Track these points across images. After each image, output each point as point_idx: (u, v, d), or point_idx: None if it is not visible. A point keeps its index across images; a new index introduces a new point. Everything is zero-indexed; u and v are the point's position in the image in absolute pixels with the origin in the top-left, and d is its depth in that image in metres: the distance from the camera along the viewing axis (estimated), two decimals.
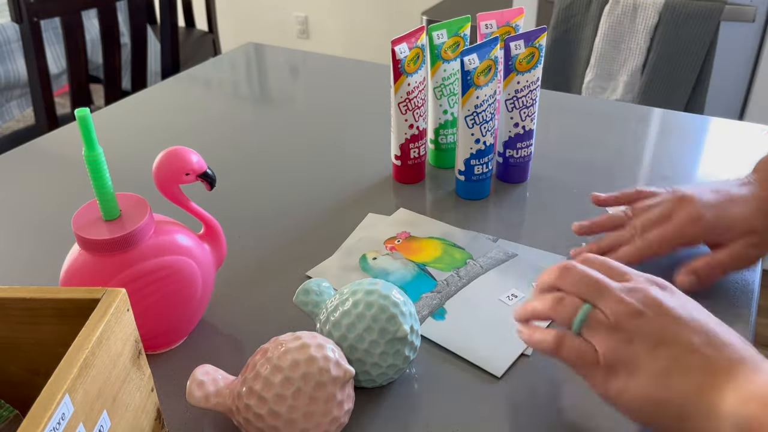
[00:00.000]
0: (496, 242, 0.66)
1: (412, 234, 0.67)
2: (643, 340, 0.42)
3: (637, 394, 0.42)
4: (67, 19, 1.41)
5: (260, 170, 0.83)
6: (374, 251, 0.65)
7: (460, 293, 0.59)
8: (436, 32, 0.74)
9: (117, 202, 0.49)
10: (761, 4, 1.58)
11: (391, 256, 0.64)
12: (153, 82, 1.82)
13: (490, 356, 0.53)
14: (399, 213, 0.71)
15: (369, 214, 0.72)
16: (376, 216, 0.72)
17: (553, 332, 0.46)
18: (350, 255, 0.65)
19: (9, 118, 1.76)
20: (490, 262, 0.63)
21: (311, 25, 3.00)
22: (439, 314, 0.57)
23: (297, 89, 1.11)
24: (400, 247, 0.66)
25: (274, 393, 0.43)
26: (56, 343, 0.39)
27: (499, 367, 0.52)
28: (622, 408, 0.43)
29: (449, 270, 0.62)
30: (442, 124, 0.79)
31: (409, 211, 0.71)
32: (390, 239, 0.67)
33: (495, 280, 0.61)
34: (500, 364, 0.52)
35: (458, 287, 0.60)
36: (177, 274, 0.51)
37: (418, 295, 0.59)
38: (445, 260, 0.64)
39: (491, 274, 0.62)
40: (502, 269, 0.62)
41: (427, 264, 0.63)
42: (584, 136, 0.88)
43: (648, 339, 0.42)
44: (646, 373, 0.41)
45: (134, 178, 0.67)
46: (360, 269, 0.63)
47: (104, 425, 0.35)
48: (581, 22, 1.58)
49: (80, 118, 0.44)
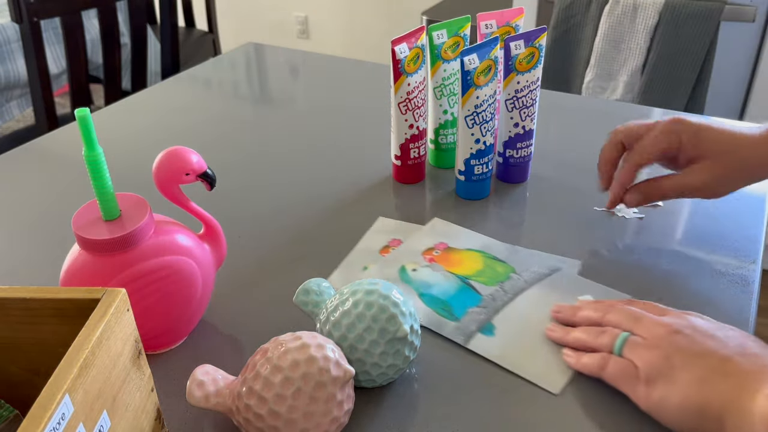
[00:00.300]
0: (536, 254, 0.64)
1: (451, 245, 0.66)
2: (679, 354, 0.45)
3: (676, 401, 0.44)
4: (67, 19, 1.41)
5: (260, 170, 0.83)
6: (413, 262, 0.64)
7: (507, 308, 0.58)
8: (436, 32, 0.74)
9: (117, 202, 0.49)
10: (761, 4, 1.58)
11: (430, 268, 0.63)
12: (153, 82, 1.82)
13: (546, 373, 0.52)
14: (434, 222, 0.69)
15: (380, 218, 0.71)
16: (386, 220, 0.71)
17: (597, 355, 0.50)
18: (389, 265, 0.63)
19: (9, 118, 1.76)
20: (533, 276, 0.62)
21: (311, 25, 3.00)
22: (488, 330, 0.56)
23: (297, 89, 1.11)
24: (439, 259, 0.64)
25: (274, 393, 0.43)
26: (56, 343, 0.39)
27: (555, 383, 0.51)
28: (664, 417, 0.45)
29: (493, 284, 0.61)
30: (442, 124, 0.79)
31: (444, 221, 0.70)
32: (428, 250, 0.65)
33: (541, 295, 0.60)
34: (557, 381, 0.51)
35: (504, 302, 0.59)
36: (177, 274, 0.51)
37: (464, 310, 0.58)
38: (488, 273, 0.62)
39: (536, 289, 0.60)
40: (547, 284, 0.61)
41: (470, 277, 0.62)
42: (584, 136, 0.88)
43: (684, 352, 0.45)
44: (685, 381, 0.44)
45: (134, 178, 0.67)
46: (400, 281, 0.62)
47: (104, 425, 0.35)
48: (581, 22, 1.58)
49: (80, 118, 0.44)
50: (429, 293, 0.60)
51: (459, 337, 0.55)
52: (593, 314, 0.53)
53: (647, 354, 0.47)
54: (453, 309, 0.58)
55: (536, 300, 0.59)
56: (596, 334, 0.51)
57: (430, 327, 0.56)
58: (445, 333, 0.56)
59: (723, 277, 0.62)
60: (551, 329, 0.55)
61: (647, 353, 0.47)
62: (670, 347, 0.46)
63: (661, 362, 0.46)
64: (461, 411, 0.49)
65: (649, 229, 0.69)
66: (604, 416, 0.48)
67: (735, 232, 0.68)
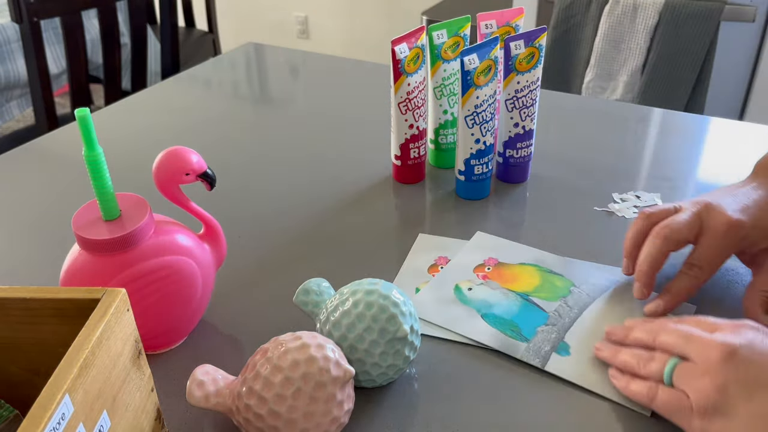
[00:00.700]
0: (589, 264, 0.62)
1: (501, 260, 0.63)
2: (737, 385, 0.41)
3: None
4: (67, 19, 1.41)
5: (260, 170, 0.83)
6: (467, 281, 0.61)
7: (576, 324, 0.56)
8: (436, 32, 0.74)
9: (117, 202, 0.49)
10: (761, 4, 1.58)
11: (486, 285, 0.60)
12: (153, 82, 1.82)
13: None
14: (478, 236, 0.67)
15: (420, 235, 0.68)
16: (427, 237, 0.68)
17: (646, 384, 0.47)
18: (440, 286, 0.61)
19: (9, 118, 1.76)
20: (594, 288, 0.59)
21: (311, 25, 3.00)
22: (563, 349, 0.53)
23: (297, 89, 1.11)
24: (493, 275, 0.61)
25: (274, 393, 0.43)
26: (56, 343, 0.39)
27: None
28: None
29: (555, 299, 0.58)
30: (442, 124, 0.79)
31: (486, 234, 0.67)
32: (479, 266, 0.63)
33: (608, 308, 0.57)
34: None
35: (572, 318, 0.56)
36: (177, 274, 0.51)
37: (532, 329, 0.55)
38: (547, 288, 0.60)
39: (601, 302, 0.58)
40: (611, 296, 0.58)
41: (530, 294, 0.59)
42: (584, 136, 0.88)
43: (742, 383, 0.41)
44: (746, 416, 0.40)
45: (134, 178, 0.67)
46: (457, 301, 0.59)
47: (104, 425, 0.35)
48: (581, 22, 1.58)
49: (80, 118, 0.44)
50: (492, 313, 0.57)
51: (535, 360, 0.52)
52: (644, 336, 0.49)
53: (699, 383, 0.42)
54: (521, 329, 0.55)
55: (604, 314, 0.57)
56: (645, 361, 0.48)
57: (501, 349, 0.53)
58: (518, 356, 0.53)
59: (723, 277, 0.62)
60: (599, 348, 0.52)
61: (699, 382, 0.42)
62: (724, 374, 0.41)
63: (715, 393, 0.41)
64: (461, 411, 0.49)
65: None
66: (606, 415, 0.48)
67: None
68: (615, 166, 0.80)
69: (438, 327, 0.56)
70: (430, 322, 0.57)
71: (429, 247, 0.67)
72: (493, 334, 0.55)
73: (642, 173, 0.79)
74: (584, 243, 0.66)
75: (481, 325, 0.56)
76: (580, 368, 0.52)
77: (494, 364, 0.53)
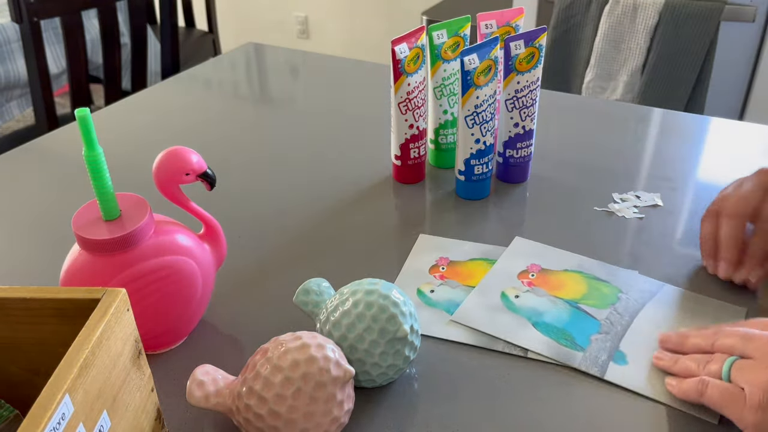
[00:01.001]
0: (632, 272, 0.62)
1: (544, 266, 0.63)
2: None
3: None
4: (67, 19, 1.41)
5: (260, 170, 0.83)
6: (512, 288, 0.60)
7: (630, 332, 0.55)
8: (436, 32, 0.74)
9: (117, 202, 0.49)
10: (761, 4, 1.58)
11: (533, 292, 0.59)
12: (153, 82, 1.82)
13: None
14: (516, 243, 0.66)
15: (420, 235, 0.68)
16: (427, 237, 0.68)
17: (696, 379, 0.47)
18: (485, 293, 0.60)
19: (9, 118, 1.76)
20: (642, 295, 0.59)
21: (311, 25, 3.00)
22: (620, 359, 0.52)
23: (297, 89, 1.11)
24: (538, 282, 0.61)
25: (274, 393, 0.43)
26: (56, 343, 0.39)
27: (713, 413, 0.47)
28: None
29: (605, 307, 0.57)
30: (442, 124, 0.79)
31: (525, 239, 0.67)
32: (522, 273, 0.62)
33: (659, 314, 0.57)
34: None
35: (624, 326, 0.56)
36: (177, 274, 0.51)
37: (586, 338, 0.54)
38: (595, 296, 0.59)
39: (651, 308, 0.57)
40: (660, 302, 0.58)
41: (579, 301, 0.58)
42: (584, 136, 0.88)
43: None
44: None
45: (134, 178, 0.67)
46: (505, 308, 0.58)
47: (104, 425, 0.35)
48: (581, 22, 1.58)
49: (80, 118, 0.44)
50: (543, 321, 0.56)
51: (593, 369, 0.52)
52: (702, 342, 0.49)
53: (757, 377, 0.42)
54: (575, 338, 0.55)
55: (657, 320, 0.56)
56: (705, 362, 0.48)
57: (556, 359, 0.53)
58: (575, 365, 0.52)
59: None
60: (658, 357, 0.52)
61: (757, 376, 0.42)
62: None
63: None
64: (461, 411, 0.49)
65: (649, 229, 0.69)
66: (606, 418, 0.48)
67: None
68: (615, 166, 0.80)
69: (489, 336, 0.55)
70: (481, 331, 0.56)
71: (430, 248, 0.66)
72: (547, 342, 0.54)
73: (642, 173, 0.79)
74: (584, 243, 0.66)
75: (534, 333, 0.55)
76: (640, 377, 0.51)
77: (494, 364, 0.53)
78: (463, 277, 0.62)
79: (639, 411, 0.49)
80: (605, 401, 0.50)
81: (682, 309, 0.57)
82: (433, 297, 0.60)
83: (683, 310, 0.57)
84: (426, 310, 0.59)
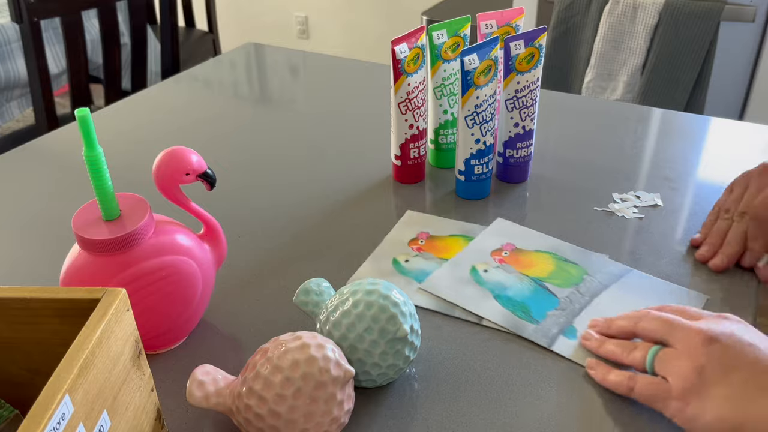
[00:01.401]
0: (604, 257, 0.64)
1: (518, 246, 0.65)
2: (714, 367, 0.43)
3: (712, 418, 0.42)
4: (67, 19, 1.41)
5: (260, 170, 0.83)
6: (483, 263, 0.63)
7: (586, 311, 0.57)
8: (436, 32, 0.74)
9: (117, 202, 0.49)
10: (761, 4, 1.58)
11: (502, 269, 0.62)
12: (153, 82, 1.82)
13: None
14: (497, 223, 0.69)
15: (408, 211, 0.72)
16: (414, 213, 0.71)
17: (625, 375, 0.48)
18: (457, 266, 0.63)
19: (9, 118, 1.76)
20: (607, 278, 0.61)
21: (311, 25, 3.00)
22: (570, 333, 0.55)
23: (297, 89, 1.11)
24: (509, 260, 0.63)
25: (274, 393, 0.43)
26: (56, 343, 0.39)
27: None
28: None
29: (568, 286, 0.60)
30: (442, 124, 0.79)
31: (507, 220, 0.69)
32: (496, 251, 0.65)
33: (618, 296, 0.59)
34: None
35: (582, 305, 0.58)
36: (177, 274, 0.51)
37: (543, 313, 0.57)
38: (561, 276, 0.62)
39: (612, 290, 0.60)
40: (623, 285, 0.60)
41: (544, 279, 0.61)
42: (584, 136, 0.88)
43: (720, 365, 0.43)
44: (720, 397, 0.42)
45: (134, 178, 0.67)
46: (473, 281, 0.61)
47: (104, 425, 0.35)
48: (581, 22, 1.58)
49: (80, 118, 0.44)
50: (505, 295, 0.59)
51: (542, 340, 0.54)
52: (626, 323, 0.51)
53: (679, 367, 0.44)
54: (531, 311, 0.57)
55: (614, 301, 0.58)
56: (629, 349, 0.49)
57: (510, 329, 0.56)
58: (525, 335, 0.55)
59: (723, 277, 0.62)
60: (585, 338, 0.53)
61: (679, 366, 0.44)
62: (703, 358, 0.43)
63: (693, 376, 0.43)
64: (461, 411, 0.49)
65: (649, 229, 0.69)
66: (605, 416, 0.48)
67: None
68: (615, 166, 0.80)
69: (449, 303, 0.59)
70: (443, 298, 0.59)
71: (413, 223, 0.70)
72: (504, 314, 0.57)
73: (642, 173, 0.79)
74: (584, 243, 0.66)
75: (494, 305, 0.58)
76: (585, 351, 0.53)
77: (494, 364, 0.53)
78: (438, 251, 0.65)
79: (636, 411, 0.49)
80: (607, 402, 0.50)
81: (643, 292, 0.59)
82: (406, 266, 0.63)
83: (644, 293, 0.59)
84: (398, 278, 0.62)
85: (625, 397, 0.49)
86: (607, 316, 0.56)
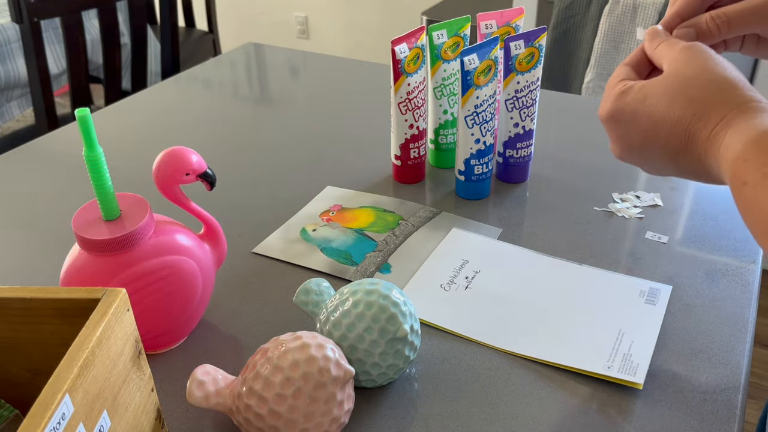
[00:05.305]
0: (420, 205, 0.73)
1: (345, 206, 0.74)
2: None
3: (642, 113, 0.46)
4: (67, 19, 1.41)
5: (260, 170, 0.83)
6: (312, 224, 0.71)
7: (400, 249, 0.66)
8: (436, 32, 0.74)
9: (117, 202, 0.49)
10: None
11: (329, 226, 0.70)
12: (153, 82, 1.82)
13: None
14: (327, 190, 0.77)
15: (327, 186, 0.78)
16: (332, 188, 0.77)
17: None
18: (288, 230, 0.70)
19: (9, 118, 1.76)
20: (419, 220, 0.71)
21: (311, 25, 3.00)
22: (385, 269, 0.64)
23: (297, 89, 1.11)
24: (336, 218, 0.72)
25: (274, 393, 0.43)
26: (56, 343, 0.39)
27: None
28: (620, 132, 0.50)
29: (385, 231, 0.69)
30: (442, 124, 0.79)
31: (336, 187, 0.77)
32: (324, 212, 0.73)
33: (426, 234, 0.68)
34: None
35: (396, 244, 0.67)
36: (177, 274, 0.51)
37: (362, 256, 0.65)
38: (380, 224, 0.70)
39: (423, 230, 0.69)
40: (431, 225, 0.70)
41: (364, 229, 0.70)
42: (584, 136, 0.88)
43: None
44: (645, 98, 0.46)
45: (134, 178, 0.67)
46: (302, 240, 0.68)
47: (104, 425, 0.35)
48: (581, 22, 1.58)
49: (80, 118, 0.44)
50: (330, 246, 0.67)
51: (360, 278, 0.61)
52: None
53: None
54: (353, 257, 0.65)
55: (423, 239, 0.68)
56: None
57: (334, 274, 0.63)
58: (347, 276, 0.63)
59: (723, 277, 0.62)
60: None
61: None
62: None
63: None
64: (461, 411, 0.49)
65: (649, 229, 0.69)
66: (603, 413, 0.49)
67: (735, 232, 0.68)
68: (615, 166, 0.80)
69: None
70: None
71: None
72: (329, 263, 0.65)
73: (642, 173, 0.79)
74: (584, 243, 0.66)
75: (320, 256, 0.66)
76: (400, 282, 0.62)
77: (494, 364, 0.53)
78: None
79: (636, 410, 0.49)
80: (607, 402, 0.50)
81: (448, 228, 0.69)
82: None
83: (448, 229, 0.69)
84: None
85: (624, 397, 0.49)
86: (416, 251, 0.65)
